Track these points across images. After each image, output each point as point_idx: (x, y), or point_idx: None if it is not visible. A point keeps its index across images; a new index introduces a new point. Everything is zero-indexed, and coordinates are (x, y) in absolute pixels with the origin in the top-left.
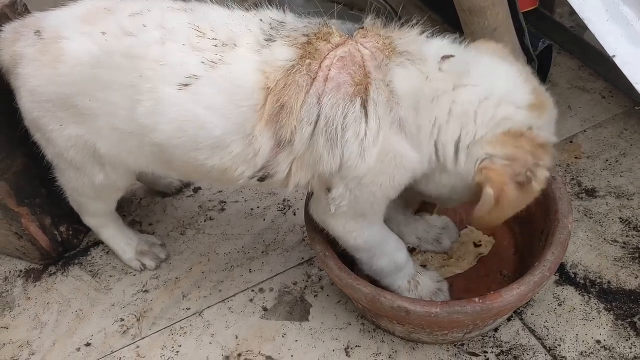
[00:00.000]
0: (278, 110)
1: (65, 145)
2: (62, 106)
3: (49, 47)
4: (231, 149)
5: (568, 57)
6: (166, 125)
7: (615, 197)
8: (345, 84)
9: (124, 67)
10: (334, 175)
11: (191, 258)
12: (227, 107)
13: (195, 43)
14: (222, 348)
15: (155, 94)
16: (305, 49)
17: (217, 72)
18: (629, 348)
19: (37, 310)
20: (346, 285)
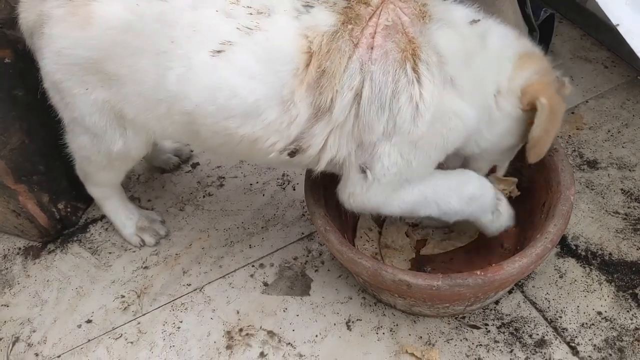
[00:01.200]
0: (319, 75)
1: (88, 109)
2: (89, 70)
3: (78, 9)
4: (265, 116)
5: (570, 26)
6: (197, 92)
7: (617, 168)
8: (392, 51)
9: (155, 32)
10: (381, 142)
11: (191, 234)
12: (263, 72)
13: (228, 10)
14: (223, 323)
15: (187, 60)
16: (346, 14)
17: (253, 39)
18: (629, 319)
19: (37, 288)
20: (347, 259)
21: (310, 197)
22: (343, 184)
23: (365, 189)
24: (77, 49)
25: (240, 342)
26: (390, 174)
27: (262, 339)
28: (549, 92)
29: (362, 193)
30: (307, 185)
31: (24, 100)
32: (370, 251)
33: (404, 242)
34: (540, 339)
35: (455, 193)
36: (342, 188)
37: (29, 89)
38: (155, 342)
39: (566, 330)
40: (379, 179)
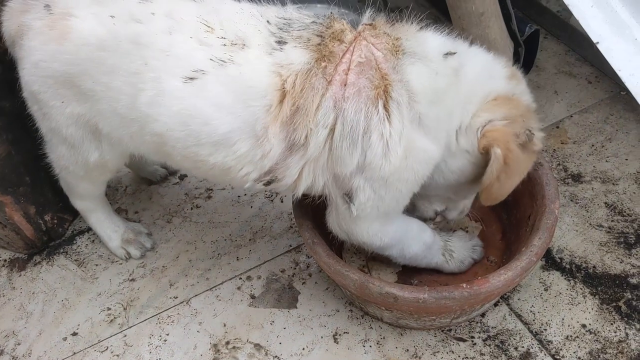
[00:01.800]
0: (293, 112)
1: (64, 121)
2: (64, 84)
3: (57, 23)
4: (236, 148)
5: (555, 42)
6: (168, 117)
7: (600, 182)
8: (365, 88)
9: (129, 53)
10: (354, 177)
11: (178, 246)
12: (236, 105)
13: (202, 38)
14: (209, 336)
15: (159, 84)
16: (320, 51)
17: (226, 71)
18: (613, 332)
19: (22, 300)
20: (334, 272)
21: (298, 209)
22: (331, 212)
23: (350, 218)
24: (53, 63)
25: (227, 355)
26: (367, 208)
27: (249, 352)
28: (507, 143)
29: (349, 221)
30: (295, 198)
31: (10, 111)
32: (358, 263)
33: None
34: (526, 352)
35: (417, 238)
36: (330, 216)
37: (16, 100)
38: (141, 355)
39: (551, 343)
40: (360, 212)
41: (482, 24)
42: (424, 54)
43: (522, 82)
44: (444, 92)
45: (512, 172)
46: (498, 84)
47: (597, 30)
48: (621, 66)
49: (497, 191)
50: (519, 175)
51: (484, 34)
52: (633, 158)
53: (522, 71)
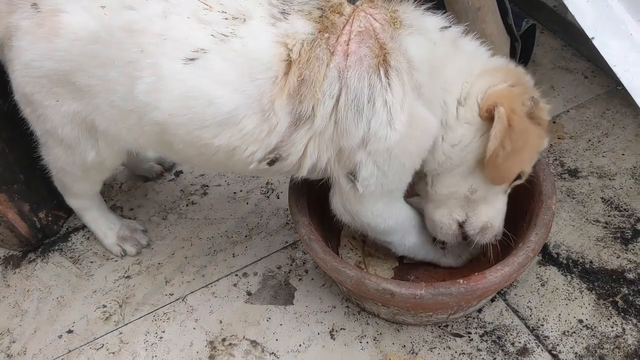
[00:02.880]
0: (299, 83)
1: (60, 121)
2: (58, 82)
3: (46, 20)
4: (242, 125)
5: (551, 37)
6: (169, 102)
7: (597, 177)
8: (366, 57)
9: (123, 42)
10: (358, 151)
11: (173, 243)
12: (241, 80)
13: (201, 16)
14: (206, 333)
15: (157, 69)
16: (322, 22)
17: (229, 45)
18: (610, 327)
19: (17, 298)
20: (331, 268)
21: (294, 205)
22: (334, 193)
23: (356, 198)
24: (45, 61)
25: (223, 352)
26: (371, 185)
27: (245, 348)
28: (512, 103)
29: (354, 201)
30: (291, 194)
31: (3, 109)
32: (354, 260)
33: (388, 250)
34: (523, 347)
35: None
36: (334, 198)
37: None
38: (137, 352)
39: (548, 338)
40: (364, 190)
41: (479, 19)
42: (422, 26)
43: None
44: (442, 62)
45: (518, 139)
46: (495, 60)
47: (593, 25)
48: (616, 62)
49: (503, 162)
50: (526, 148)
51: (481, 29)
52: (630, 153)
53: None
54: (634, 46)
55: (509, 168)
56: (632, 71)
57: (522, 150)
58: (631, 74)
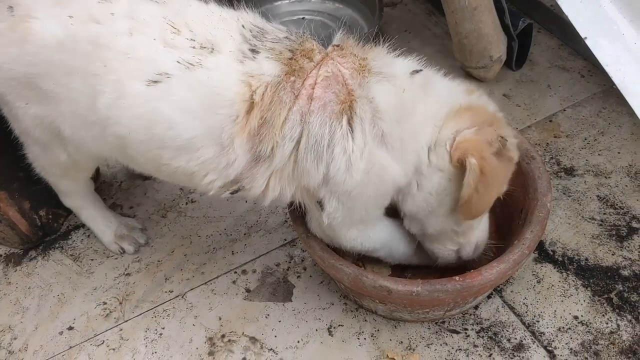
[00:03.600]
0: (260, 124)
1: (30, 122)
2: (27, 85)
3: (17, 25)
4: (200, 154)
5: (548, 36)
6: (130, 119)
7: (593, 175)
8: (330, 102)
9: (88, 54)
10: (320, 189)
11: (173, 241)
12: (202, 111)
13: (168, 40)
14: (205, 330)
15: (120, 86)
16: (290, 65)
17: (194, 75)
18: (605, 323)
19: (18, 295)
20: (329, 265)
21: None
22: (310, 218)
23: (328, 227)
24: (14, 65)
25: (223, 348)
26: (337, 217)
27: (244, 345)
28: (481, 152)
29: (326, 227)
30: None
31: None
32: (352, 257)
33: None
34: (518, 343)
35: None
36: (310, 222)
37: None
38: (137, 348)
39: (543, 335)
40: (332, 221)
41: (476, 18)
42: (391, 73)
43: (483, 94)
44: (410, 108)
45: (489, 182)
46: (460, 98)
47: (585, 25)
48: (608, 61)
49: (477, 204)
50: (497, 186)
51: (477, 28)
52: (625, 151)
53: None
54: (626, 46)
55: (483, 206)
56: (623, 71)
57: (493, 189)
58: (623, 74)
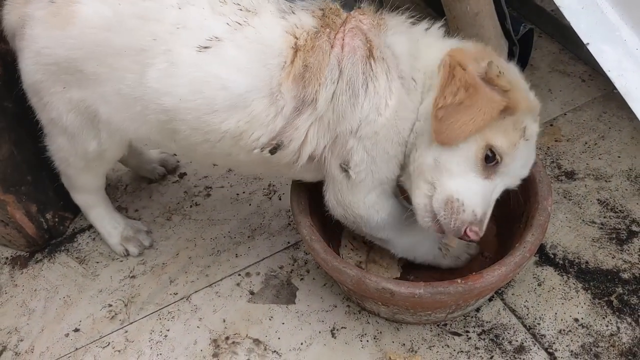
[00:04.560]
0: (303, 69)
1: (65, 107)
2: (67, 69)
3: (61, 10)
4: (252, 108)
5: (549, 41)
6: (181, 87)
7: (593, 179)
8: (359, 48)
9: (136, 30)
10: (351, 137)
11: (177, 243)
12: (253, 65)
13: (217, 7)
14: (209, 332)
15: (170, 56)
16: (324, 20)
17: (243, 33)
18: (605, 325)
19: (24, 297)
20: (332, 268)
21: (296, 206)
22: (328, 187)
23: (348, 187)
24: (57, 49)
25: (227, 350)
26: (362, 172)
27: (248, 347)
28: (462, 59)
29: (346, 191)
30: (292, 195)
31: (12, 111)
32: (355, 260)
33: (392, 260)
34: (520, 346)
35: None
36: (327, 192)
37: (18, 101)
38: (142, 350)
39: (544, 337)
40: (356, 177)
41: (477, 24)
42: (405, 29)
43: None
44: (422, 51)
45: (460, 93)
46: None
47: (587, 31)
48: (610, 67)
49: (446, 117)
50: (473, 107)
51: (479, 34)
52: (625, 155)
53: None
54: (628, 52)
55: (452, 125)
56: (625, 76)
57: (467, 109)
58: (625, 79)
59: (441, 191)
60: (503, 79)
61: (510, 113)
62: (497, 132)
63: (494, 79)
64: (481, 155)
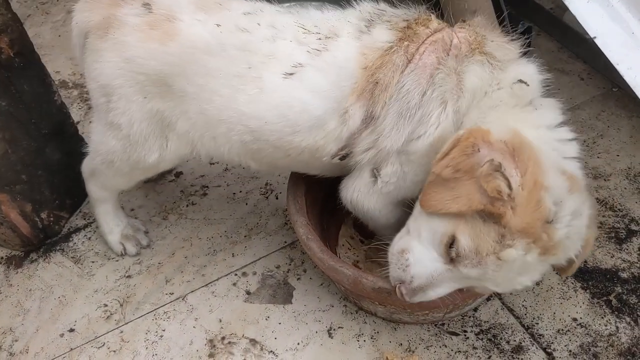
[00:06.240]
0: (372, 86)
1: (139, 117)
2: (155, 82)
3: (160, 23)
4: (327, 127)
5: (547, 39)
6: (267, 111)
7: (592, 178)
8: (431, 66)
9: (235, 58)
10: (394, 150)
11: (174, 243)
12: (330, 88)
13: (301, 39)
14: (205, 332)
15: (259, 83)
16: (404, 32)
17: (321, 59)
18: (604, 325)
19: (19, 297)
20: (328, 267)
21: (293, 206)
22: (351, 178)
23: (370, 191)
24: (151, 60)
25: (223, 350)
26: (391, 184)
27: (245, 347)
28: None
29: (367, 193)
30: (289, 194)
31: (6, 110)
32: (352, 259)
33: None
34: (518, 345)
35: None
36: (349, 181)
37: (12, 99)
38: (138, 350)
39: (542, 337)
40: (382, 187)
41: None
42: (500, 63)
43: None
44: (492, 105)
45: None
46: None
47: (594, 25)
48: (619, 60)
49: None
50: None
51: None
52: (624, 154)
53: None
54: (637, 44)
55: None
56: (635, 69)
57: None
58: (634, 72)
59: (405, 241)
60: (493, 185)
61: (495, 221)
62: (469, 229)
63: (486, 183)
64: (445, 241)
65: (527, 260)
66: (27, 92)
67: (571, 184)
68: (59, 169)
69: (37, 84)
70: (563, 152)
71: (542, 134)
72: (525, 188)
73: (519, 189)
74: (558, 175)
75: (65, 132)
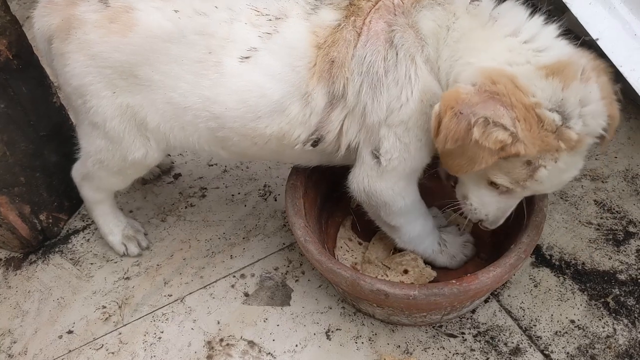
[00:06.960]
0: (329, 65)
1: (111, 113)
2: (122, 74)
3: (119, 15)
4: (289, 111)
5: None
6: (227, 96)
7: (590, 180)
8: (382, 32)
9: (195, 43)
10: (381, 126)
11: (172, 244)
12: (284, 70)
13: (254, 21)
14: (204, 333)
15: (220, 67)
16: (348, 9)
17: (273, 41)
18: (601, 327)
19: (17, 299)
20: (326, 269)
21: (291, 208)
22: (356, 168)
23: (377, 172)
24: (114, 53)
25: (221, 352)
26: (394, 159)
27: (243, 349)
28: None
29: (375, 176)
30: (287, 196)
31: (4, 112)
32: (350, 261)
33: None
34: (515, 347)
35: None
36: (354, 173)
37: (10, 101)
38: (136, 352)
39: (540, 339)
40: (387, 164)
41: None
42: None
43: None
44: (457, 38)
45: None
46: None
47: (597, 27)
48: (622, 62)
49: (444, 155)
50: (463, 155)
51: None
52: (622, 156)
53: None
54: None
55: (450, 162)
56: (638, 70)
57: (457, 156)
58: (637, 73)
59: (461, 189)
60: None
61: (514, 156)
62: (498, 171)
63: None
64: (487, 185)
65: (560, 166)
66: (25, 94)
67: (562, 76)
68: (57, 170)
69: (36, 86)
70: (537, 48)
71: (508, 44)
72: (520, 118)
73: (516, 123)
74: (542, 80)
75: (64, 134)
